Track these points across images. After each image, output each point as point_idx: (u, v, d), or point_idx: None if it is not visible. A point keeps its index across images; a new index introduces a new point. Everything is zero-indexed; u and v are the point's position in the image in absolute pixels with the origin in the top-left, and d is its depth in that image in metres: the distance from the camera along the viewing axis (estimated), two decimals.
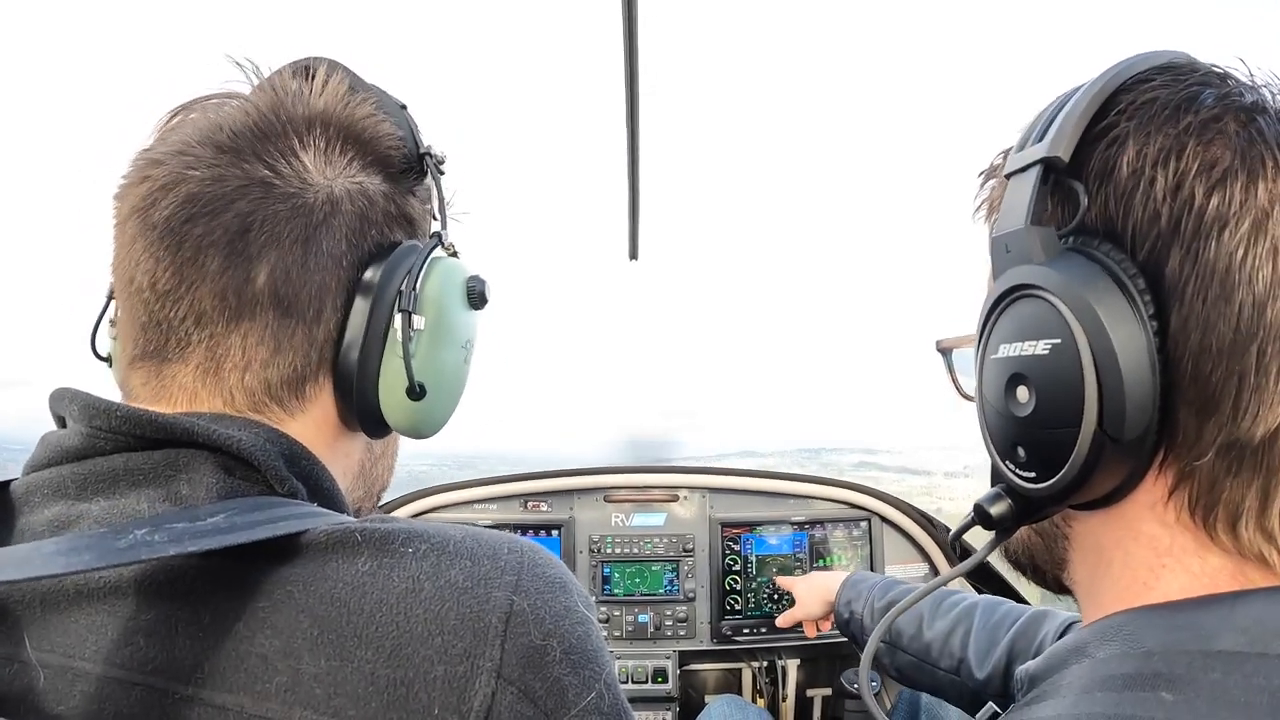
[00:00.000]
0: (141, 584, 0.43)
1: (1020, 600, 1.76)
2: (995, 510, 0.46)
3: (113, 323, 0.63)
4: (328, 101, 0.55)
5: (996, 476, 0.47)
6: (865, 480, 2.11)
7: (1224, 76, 0.42)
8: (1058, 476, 0.41)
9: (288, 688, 0.41)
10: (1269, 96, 0.41)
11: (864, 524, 2.01)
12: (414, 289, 0.56)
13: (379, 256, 0.56)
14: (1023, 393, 0.43)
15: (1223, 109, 0.40)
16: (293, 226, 0.51)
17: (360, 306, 0.55)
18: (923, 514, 2.02)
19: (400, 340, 0.55)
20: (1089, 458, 0.40)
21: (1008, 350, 0.44)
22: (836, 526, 2.01)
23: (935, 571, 2.02)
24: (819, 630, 1.51)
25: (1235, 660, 0.36)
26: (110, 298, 0.63)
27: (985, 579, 1.85)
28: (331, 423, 0.57)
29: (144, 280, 0.51)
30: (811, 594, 1.40)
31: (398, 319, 0.55)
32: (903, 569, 2.02)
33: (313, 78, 0.56)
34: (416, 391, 0.56)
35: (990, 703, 1.20)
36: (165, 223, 0.50)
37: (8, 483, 0.50)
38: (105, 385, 0.65)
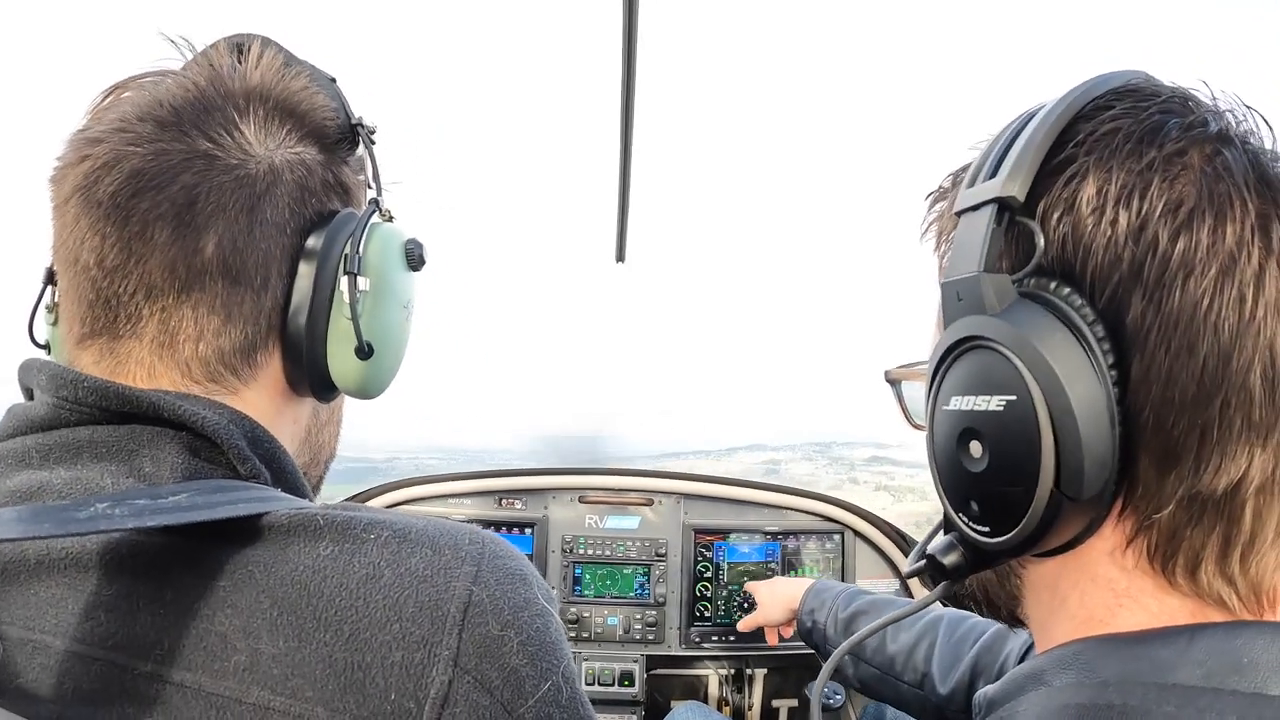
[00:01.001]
0: (104, 558, 0.43)
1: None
2: (948, 560, 0.45)
3: (49, 308, 0.63)
4: (264, 75, 0.56)
5: (949, 524, 0.46)
6: (877, 475, 2.11)
7: (1186, 101, 0.40)
8: (1012, 533, 0.40)
9: (246, 667, 0.41)
10: (1233, 123, 0.40)
11: (837, 537, 2.02)
12: (357, 252, 0.57)
13: (320, 224, 0.57)
14: (976, 448, 0.41)
15: (1188, 141, 0.38)
16: (237, 197, 0.52)
17: (305, 272, 0.56)
18: (896, 530, 2.02)
19: (347, 302, 0.57)
20: (1045, 516, 0.38)
21: (959, 403, 0.42)
22: (810, 538, 2.01)
23: (906, 587, 2.03)
24: (781, 637, 1.49)
25: (1190, 694, 0.35)
26: (48, 282, 0.63)
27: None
28: (280, 389, 0.58)
29: (90, 258, 0.51)
30: (774, 599, 1.37)
31: (343, 282, 0.57)
32: (873, 584, 2.02)
33: (246, 53, 0.57)
34: (365, 351, 0.58)
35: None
36: (110, 199, 0.50)
37: None
38: None
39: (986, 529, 0.42)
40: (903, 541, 2.01)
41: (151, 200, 0.50)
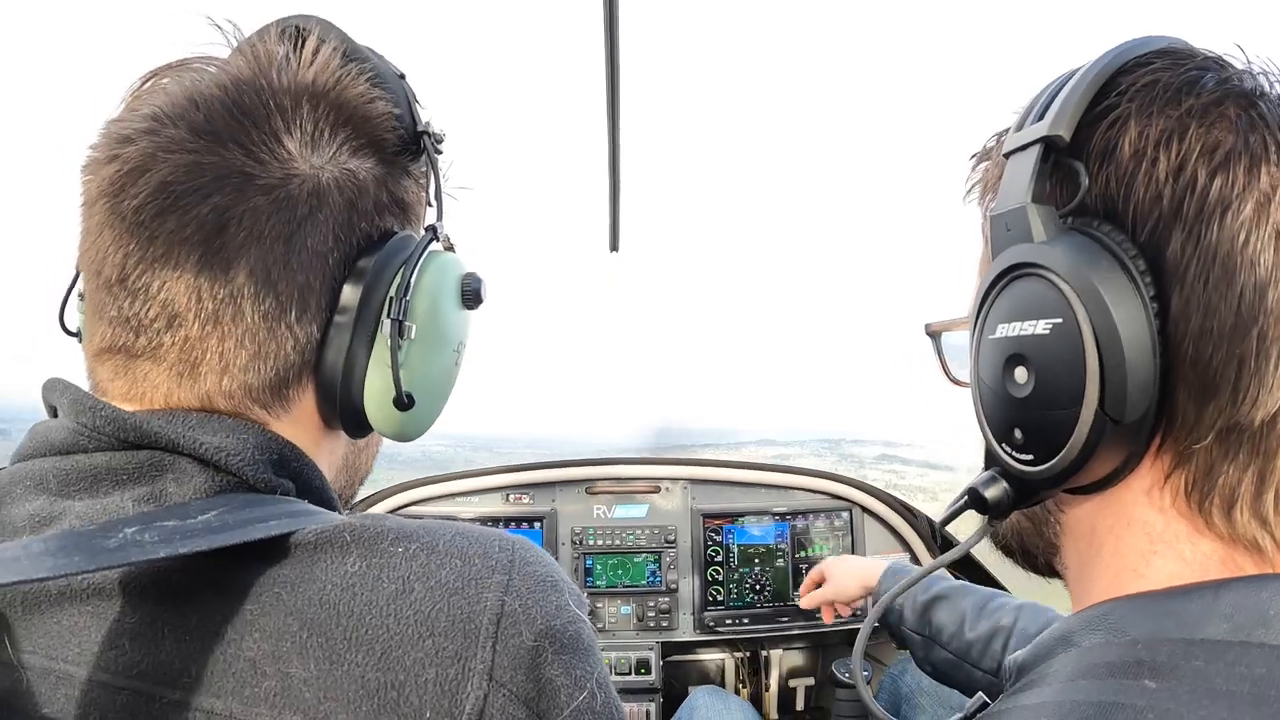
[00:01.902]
0: (126, 585, 0.42)
1: (1000, 588, 1.78)
2: (990, 494, 0.46)
3: (81, 296, 0.58)
4: (318, 74, 0.50)
5: (990, 459, 0.46)
6: (887, 474, 2.12)
7: (1221, 62, 0.42)
8: (1056, 459, 0.41)
9: (277, 692, 0.40)
10: (1266, 83, 0.42)
11: (845, 514, 2.02)
12: (405, 295, 0.52)
13: (369, 250, 0.52)
14: (1021, 373, 0.42)
15: (1223, 93, 0.40)
16: (274, 222, 0.48)
17: (347, 306, 0.51)
18: (903, 504, 2.03)
19: (390, 348, 0.52)
20: (1089, 439, 0.40)
21: (1006, 330, 0.43)
22: (818, 517, 2.02)
23: (916, 561, 2.04)
24: (837, 615, 1.46)
25: (1218, 649, 0.36)
26: (79, 273, 0.58)
27: (967, 567, 1.86)
28: (315, 422, 0.55)
29: (113, 274, 0.47)
30: (849, 576, 1.35)
31: (386, 325, 0.52)
32: (884, 558, 2.03)
33: (302, 43, 0.52)
34: (404, 402, 0.53)
35: (980, 692, 1.19)
36: (135, 214, 0.46)
37: None
38: None
39: (1030, 457, 0.43)
40: (910, 515, 2.02)
41: (178, 221, 0.46)
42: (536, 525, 1.97)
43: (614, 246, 2.10)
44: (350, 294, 0.51)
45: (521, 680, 0.43)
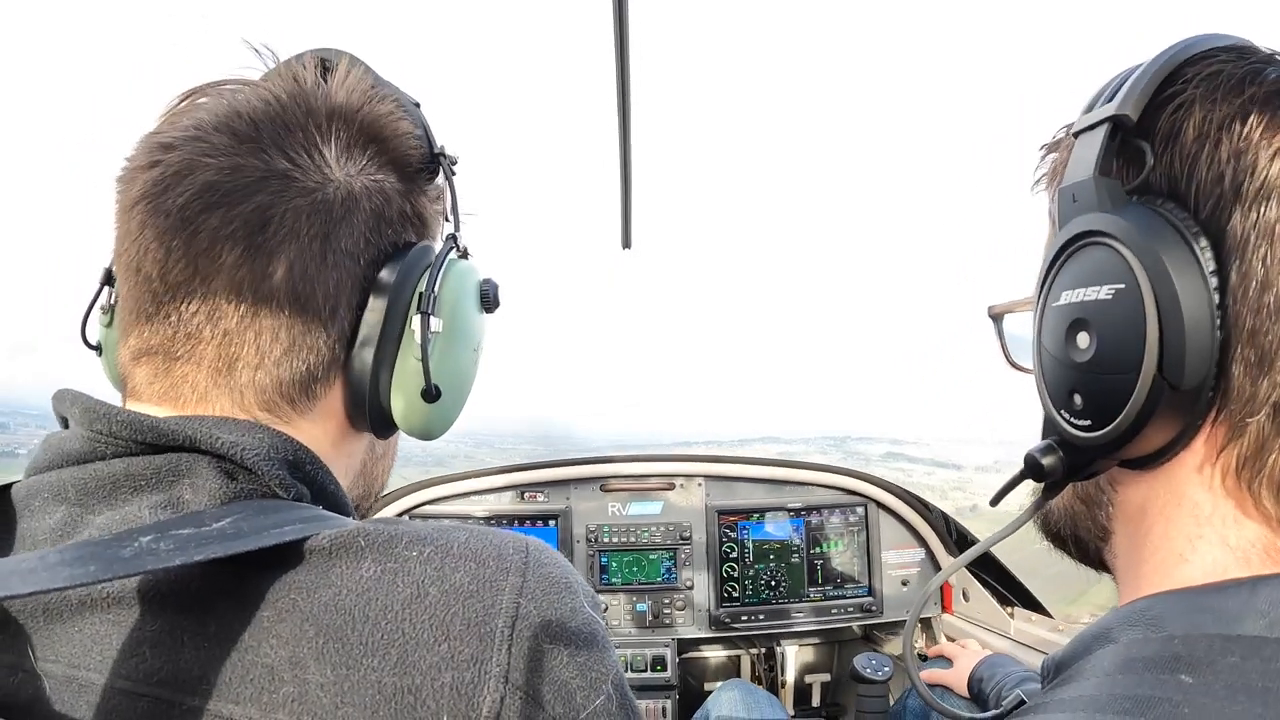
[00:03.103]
0: (145, 594, 0.43)
1: (1026, 594, 1.78)
2: (1047, 461, 0.47)
3: (105, 310, 0.61)
4: (349, 96, 0.54)
5: (1049, 428, 0.48)
6: (894, 472, 2.12)
7: None
8: (1113, 424, 0.42)
9: (295, 698, 0.40)
10: None
11: (860, 510, 2.02)
12: (433, 291, 0.55)
13: (394, 257, 0.55)
14: (1083, 338, 0.44)
15: None
16: (313, 222, 0.50)
17: (375, 306, 0.54)
18: (918, 499, 2.03)
19: (419, 342, 0.55)
20: (1146, 404, 0.41)
21: (1070, 296, 0.45)
22: (833, 513, 2.02)
23: (931, 556, 2.04)
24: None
25: (1254, 645, 0.36)
26: (105, 283, 0.61)
27: (991, 569, 1.86)
28: (338, 422, 0.56)
29: (153, 270, 0.49)
30: (967, 672, 1.46)
31: (415, 320, 0.55)
32: (898, 554, 2.03)
33: (333, 70, 0.55)
34: (432, 394, 0.56)
35: (1017, 690, 1.23)
36: (179, 211, 0.48)
37: (9, 486, 0.49)
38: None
39: (1088, 423, 0.44)
40: (925, 509, 2.02)
41: (222, 217, 0.48)
42: (551, 523, 1.97)
43: (626, 244, 2.10)
44: (378, 294, 0.54)
45: (537, 683, 0.43)
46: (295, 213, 0.50)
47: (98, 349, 0.64)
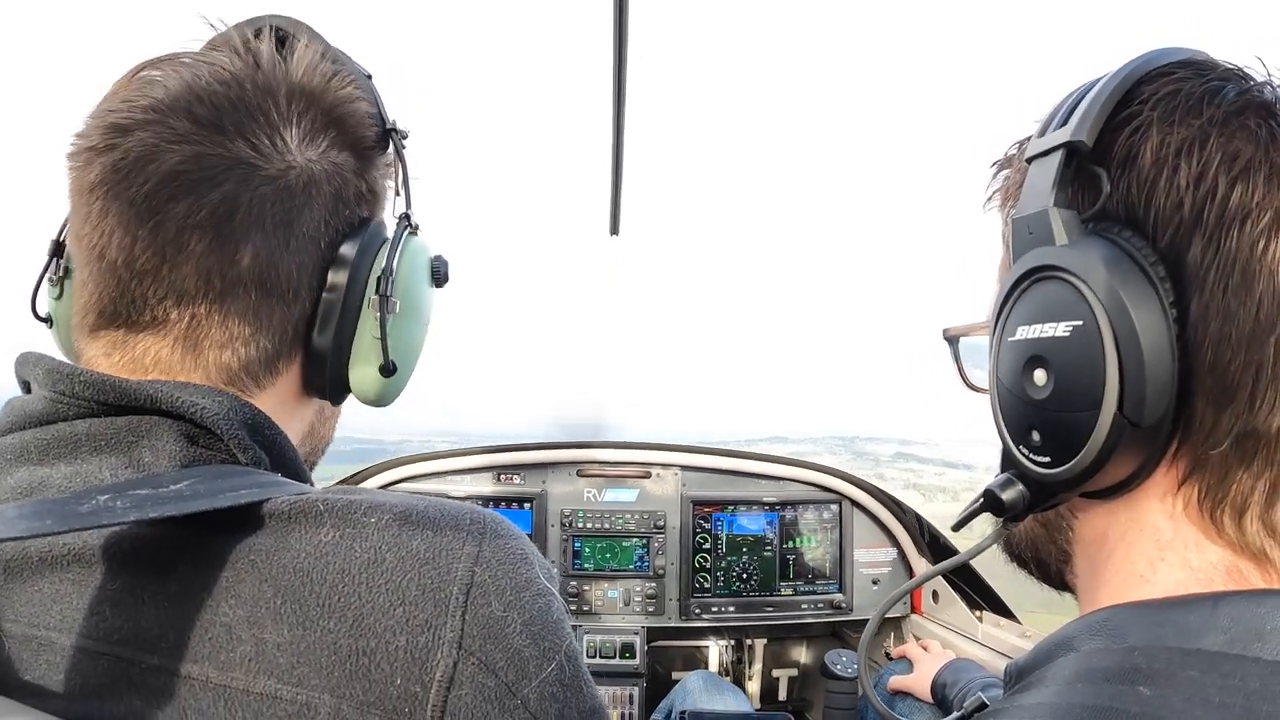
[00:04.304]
0: (107, 552, 0.43)
1: (995, 599, 1.79)
2: (1007, 496, 0.46)
3: (53, 281, 0.61)
4: (308, 77, 0.54)
5: (1007, 462, 0.47)
6: (904, 472, 2.13)
7: (1242, 74, 0.43)
8: (1073, 461, 0.41)
9: (252, 657, 0.41)
10: None
11: (834, 507, 2.03)
12: (391, 271, 0.57)
13: (351, 235, 0.57)
14: (1040, 375, 0.43)
15: (1244, 104, 0.40)
16: (276, 209, 0.51)
17: (335, 283, 0.56)
18: (892, 499, 2.04)
19: (377, 319, 0.57)
20: (1107, 442, 0.40)
21: (1026, 332, 0.44)
22: (807, 508, 2.02)
23: (903, 556, 2.05)
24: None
25: (1214, 660, 0.36)
26: (55, 255, 0.60)
27: (967, 577, 1.87)
28: (293, 392, 0.58)
29: (118, 256, 0.49)
30: (928, 679, 1.47)
31: (373, 299, 0.57)
32: (870, 553, 2.04)
33: (287, 44, 0.55)
34: (390, 369, 0.59)
35: (979, 694, 1.24)
36: (145, 199, 0.48)
37: None
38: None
39: (1047, 459, 0.43)
40: (899, 510, 2.03)
41: (189, 206, 0.49)
42: (526, 506, 1.97)
43: (614, 230, 2.09)
44: (338, 274, 0.56)
45: (490, 649, 0.43)
46: (260, 200, 0.51)
47: (48, 320, 0.63)
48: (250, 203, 0.50)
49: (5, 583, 0.43)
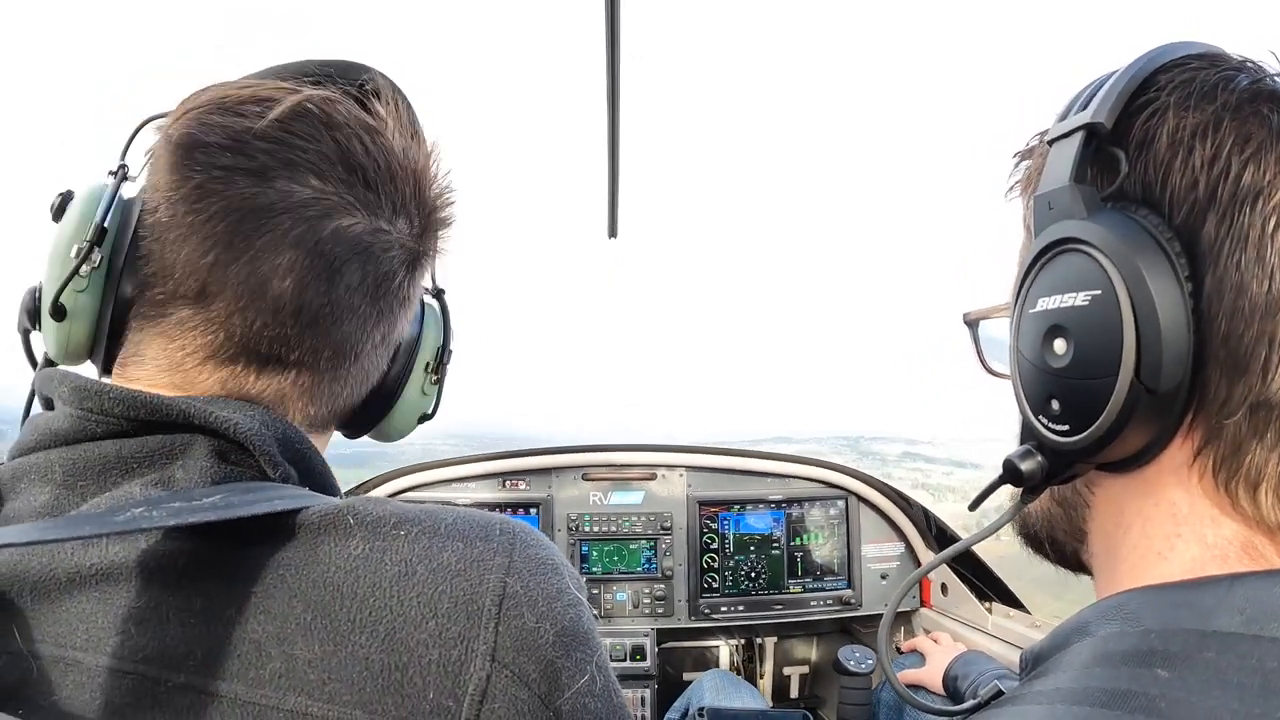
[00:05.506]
0: (132, 570, 0.43)
1: (1003, 590, 1.79)
2: (1026, 466, 0.47)
3: (84, 275, 0.51)
4: (435, 184, 0.59)
5: (1026, 434, 0.48)
6: (912, 472, 2.13)
7: (1255, 66, 0.44)
8: (1092, 428, 0.43)
9: (282, 674, 0.40)
10: None
11: (841, 503, 2.03)
12: (446, 346, 0.68)
13: (410, 306, 0.62)
14: (1060, 344, 0.44)
15: (1256, 92, 0.42)
16: (401, 284, 0.57)
17: (401, 355, 0.64)
18: (899, 494, 2.04)
19: (433, 383, 0.69)
20: (1124, 408, 0.41)
21: (1047, 303, 0.45)
22: (814, 505, 2.02)
23: (911, 550, 2.05)
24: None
25: (1230, 640, 0.36)
26: (95, 243, 0.51)
27: (973, 566, 1.87)
28: (326, 422, 0.60)
29: (288, 291, 0.49)
30: (940, 670, 1.47)
31: (423, 366, 0.66)
32: (878, 547, 2.04)
33: (406, 122, 0.58)
34: (429, 417, 0.71)
35: (995, 681, 1.24)
36: (326, 256, 0.50)
37: None
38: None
39: (1065, 428, 0.45)
40: (906, 504, 2.03)
41: (359, 273, 0.52)
42: (533, 511, 1.97)
43: (612, 233, 2.09)
44: (404, 341, 0.64)
45: (524, 661, 0.43)
46: (394, 274, 0.56)
47: (58, 314, 0.52)
48: (398, 278, 0.56)
49: (33, 604, 0.43)
